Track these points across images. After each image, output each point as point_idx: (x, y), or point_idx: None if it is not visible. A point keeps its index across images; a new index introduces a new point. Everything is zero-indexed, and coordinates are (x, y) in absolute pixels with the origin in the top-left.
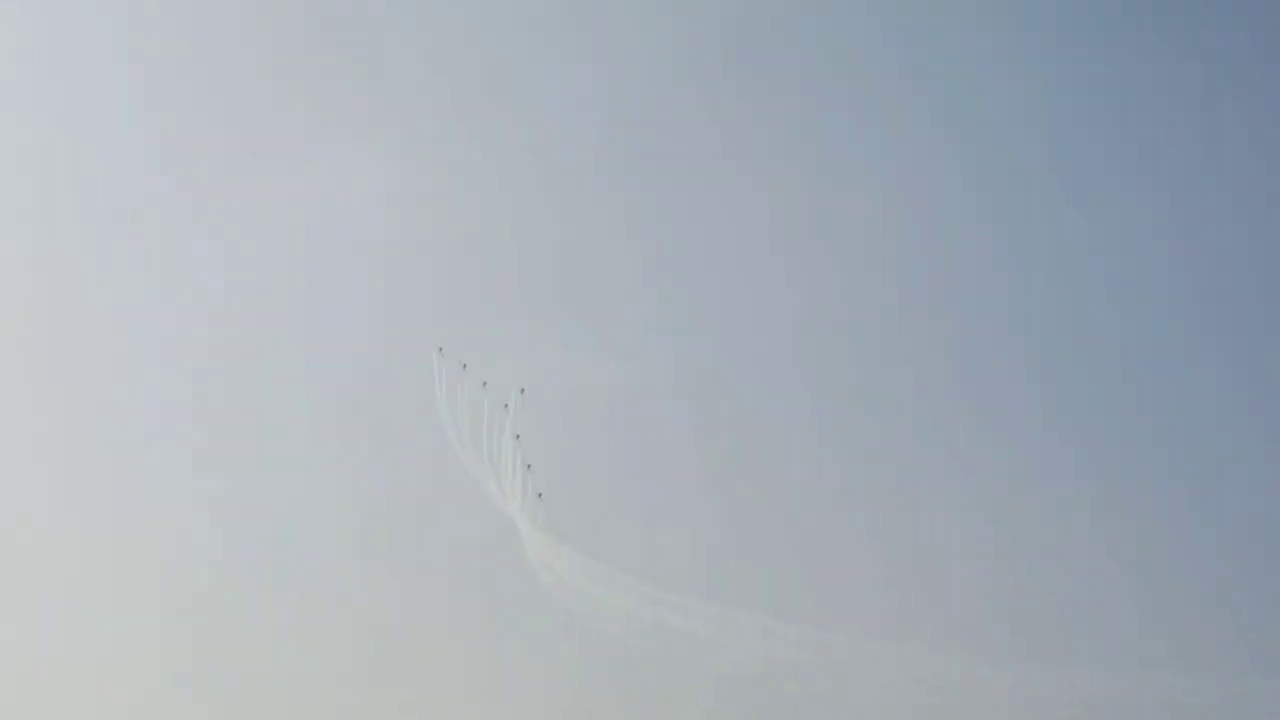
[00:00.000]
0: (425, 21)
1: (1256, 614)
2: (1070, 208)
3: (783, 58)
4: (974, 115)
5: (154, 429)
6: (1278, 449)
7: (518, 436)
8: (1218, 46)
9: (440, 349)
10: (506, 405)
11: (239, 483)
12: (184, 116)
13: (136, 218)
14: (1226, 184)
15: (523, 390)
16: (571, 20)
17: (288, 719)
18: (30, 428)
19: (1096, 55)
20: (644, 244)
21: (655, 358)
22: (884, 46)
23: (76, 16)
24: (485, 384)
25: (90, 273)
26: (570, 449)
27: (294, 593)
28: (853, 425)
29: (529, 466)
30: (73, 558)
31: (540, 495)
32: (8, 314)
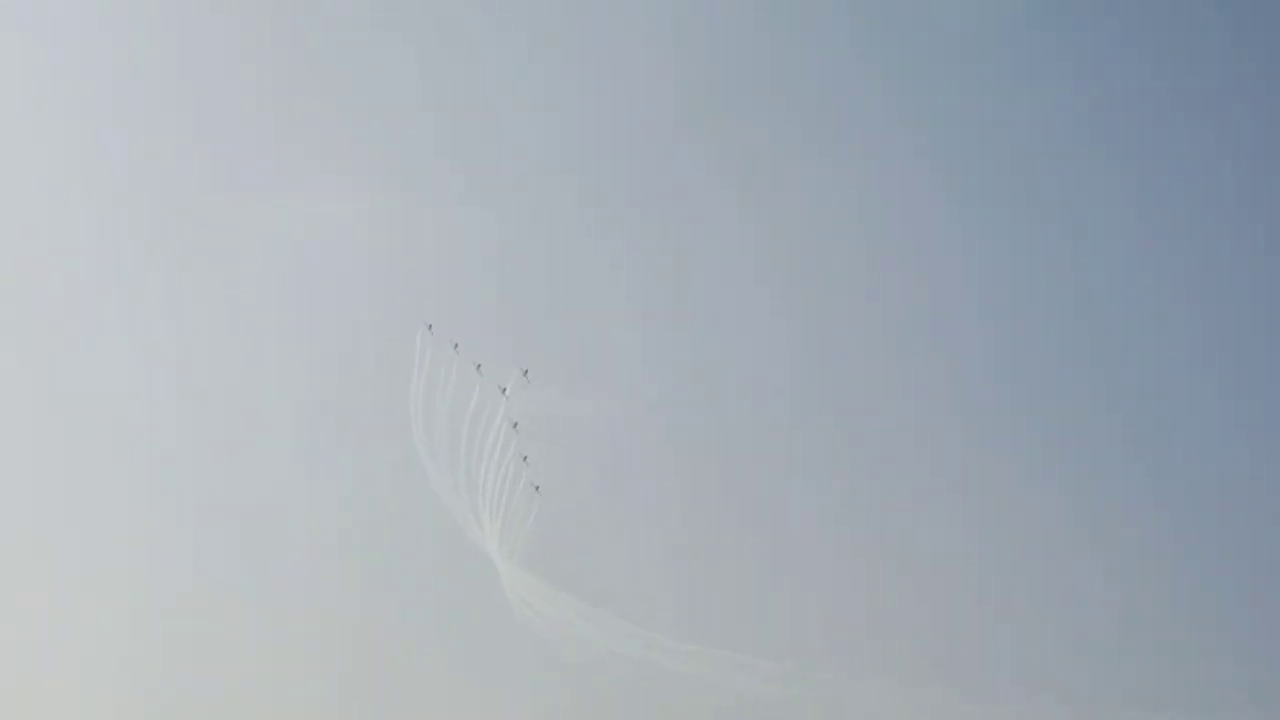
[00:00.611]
0: (407, 52)
1: (1256, 658)
2: (1051, 226)
3: (766, 86)
4: (958, 140)
5: (129, 437)
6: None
7: (515, 425)
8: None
9: (430, 326)
10: (504, 390)
11: (211, 499)
12: (164, 144)
13: (116, 238)
14: (1204, 204)
15: (526, 371)
16: (553, 50)
17: None
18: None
19: (1079, 80)
20: (626, 274)
21: (637, 390)
22: (869, 73)
23: (54, 47)
24: (477, 385)
25: (70, 283)
26: (550, 481)
27: (267, 611)
28: (837, 457)
29: (525, 458)
30: (41, 560)
31: (538, 488)
32: None
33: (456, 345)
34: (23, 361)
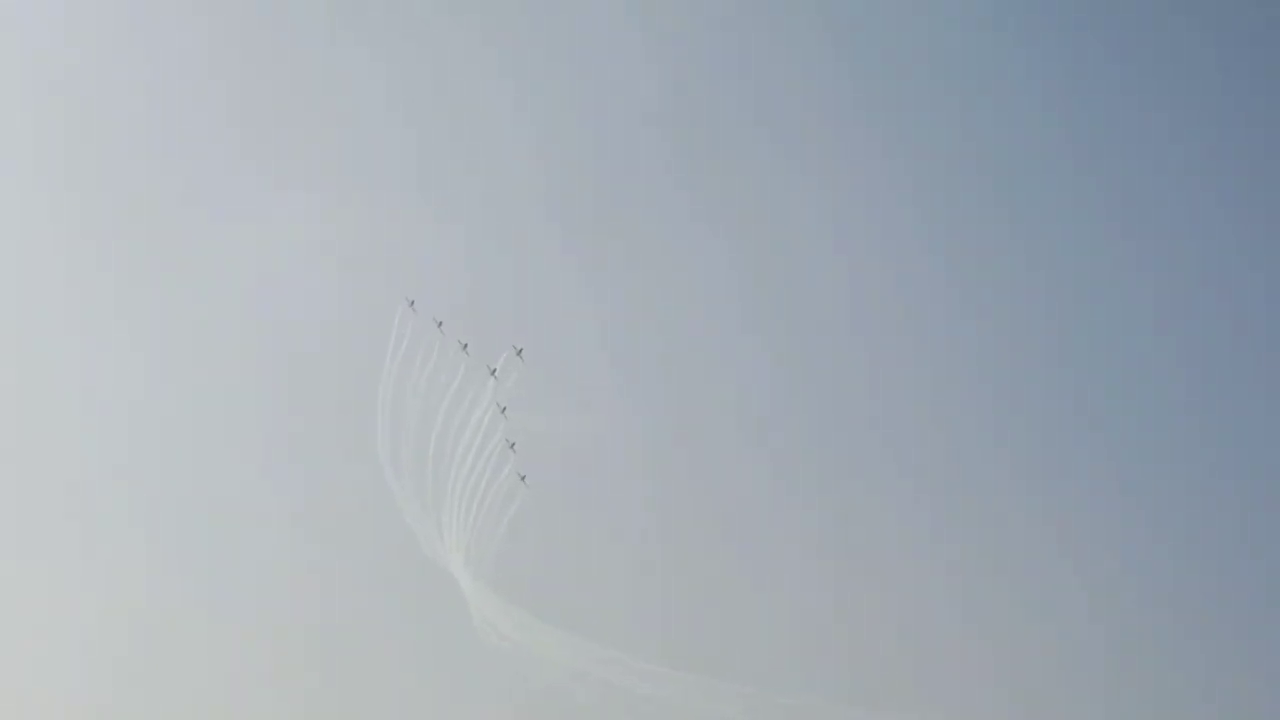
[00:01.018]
0: (378, 69)
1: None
2: (1035, 256)
3: (745, 108)
4: (941, 166)
5: (88, 446)
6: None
7: (504, 409)
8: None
9: (411, 301)
10: (494, 371)
11: (173, 507)
12: (135, 152)
13: (84, 247)
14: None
15: (520, 350)
16: (527, 58)
17: None
18: None
19: (1055, 91)
20: (602, 298)
21: (616, 412)
22: (846, 86)
23: (21, 60)
24: (462, 366)
25: (38, 291)
26: (524, 502)
27: (226, 625)
28: (815, 475)
29: (513, 445)
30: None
31: (524, 478)
32: None
33: (440, 322)
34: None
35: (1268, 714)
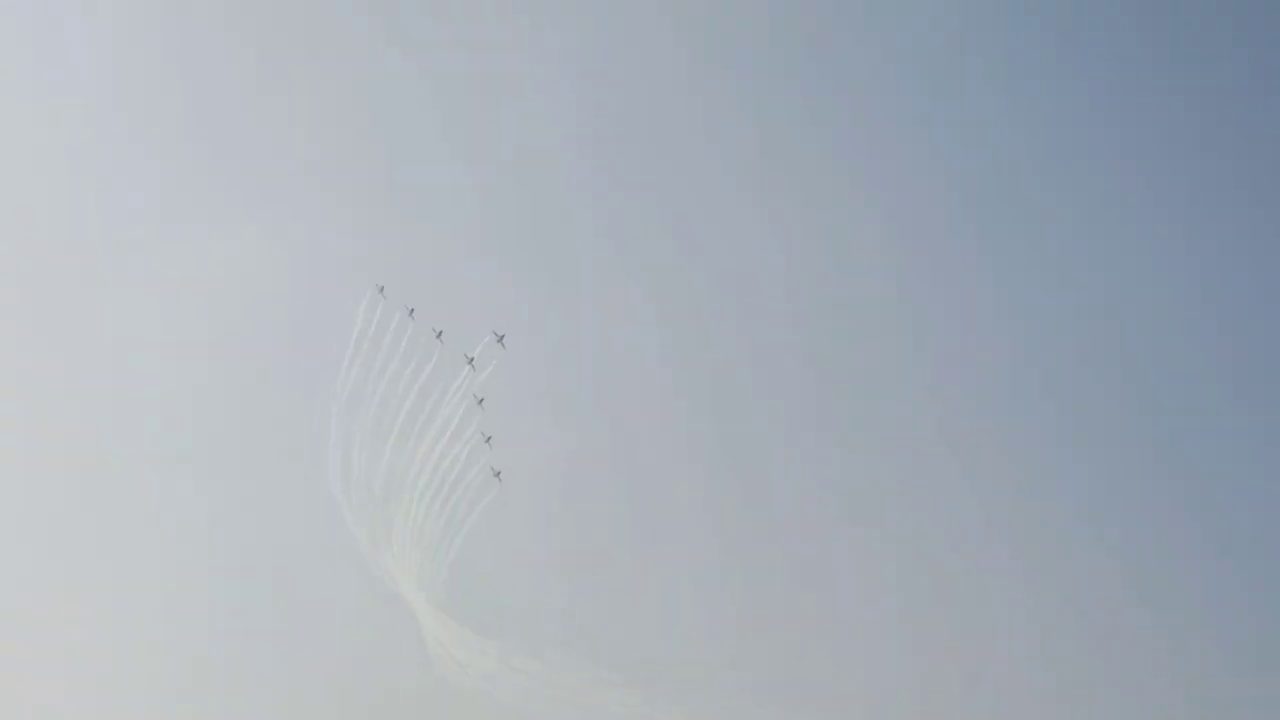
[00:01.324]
0: (350, 66)
1: None
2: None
3: (724, 110)
4: (890, 173)
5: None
6: None
7: (480, 401)
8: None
9: (381, 288)
10: (471, 360)
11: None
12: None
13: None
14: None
15: (501, 337)
16: (469, 81)
17: None
18: None
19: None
20: (585, 289)
21: (598, 412)
22: (798, 112)
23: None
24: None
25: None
26: (495, 506)
27: (168, 661)
28: (800, 496)
29: (489, 439)
30: None
31: (499, 474)
32: None
33: (412, 310)
34: None
35: None
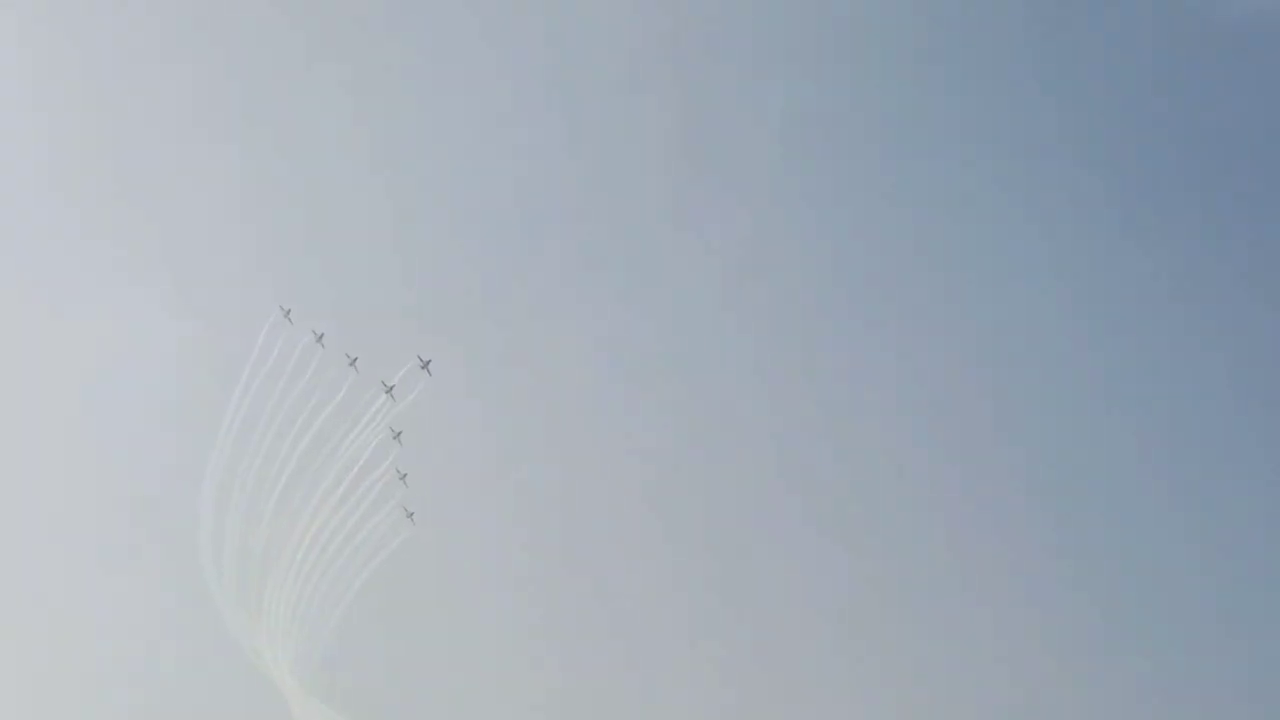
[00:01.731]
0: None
1: None
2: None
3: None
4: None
5: None
6: None
7: (398, 435)
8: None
9: (287, 311)
10: (390, 389)
11: None
12: None
13: None
14: None
15: (426, 363)
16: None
17: None
18: None
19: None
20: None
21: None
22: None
23: None
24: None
25: None
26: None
27: None
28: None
29: (404, 476)
30: None
31: (411, 515)
32: None
33: (321, 334)
34: None
35: None
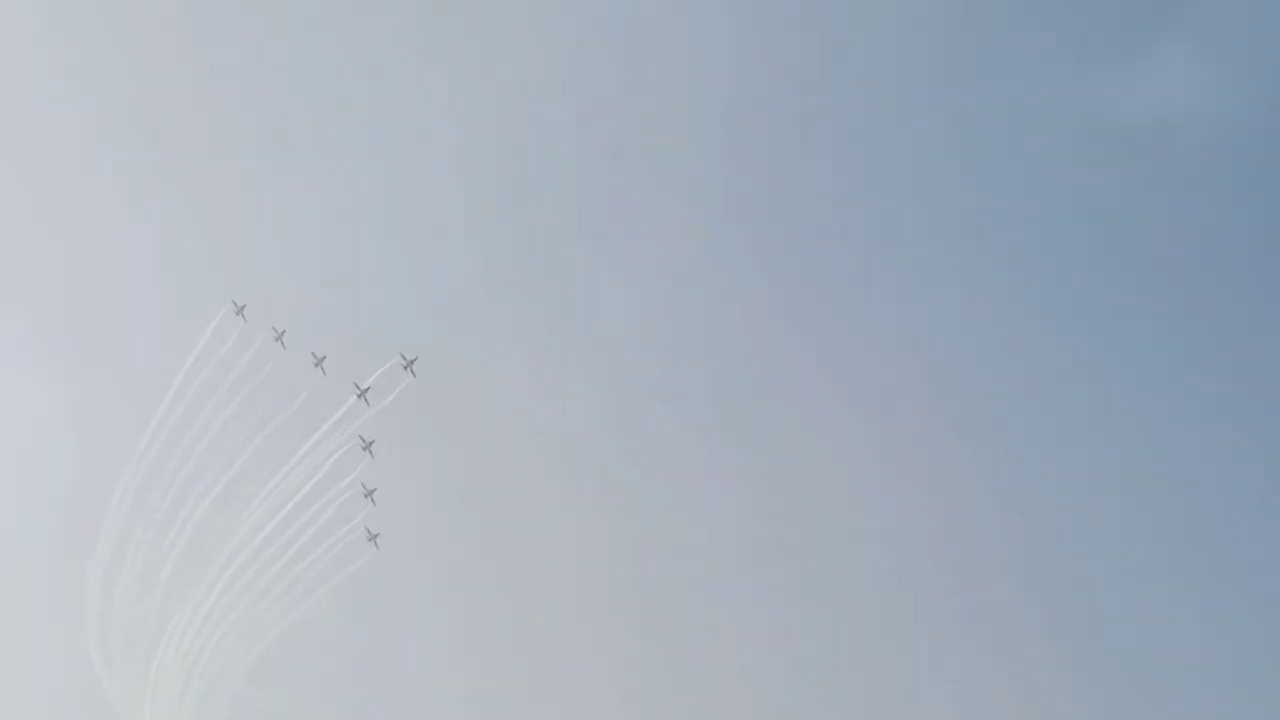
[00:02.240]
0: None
1: None
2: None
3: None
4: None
5: None
6: None
7: (368, 446)
8: None
9: (241, 307)
10: (363, 393)
11: None
12: None
13: None
14: None
15: (411, 362)
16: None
17: None
18: None
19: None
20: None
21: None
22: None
23: None
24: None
25: None
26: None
27: None
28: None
29: (370, 494)
30: None
31: (375, 538)
32: None
33: (283, 332)
34: None
35: None
